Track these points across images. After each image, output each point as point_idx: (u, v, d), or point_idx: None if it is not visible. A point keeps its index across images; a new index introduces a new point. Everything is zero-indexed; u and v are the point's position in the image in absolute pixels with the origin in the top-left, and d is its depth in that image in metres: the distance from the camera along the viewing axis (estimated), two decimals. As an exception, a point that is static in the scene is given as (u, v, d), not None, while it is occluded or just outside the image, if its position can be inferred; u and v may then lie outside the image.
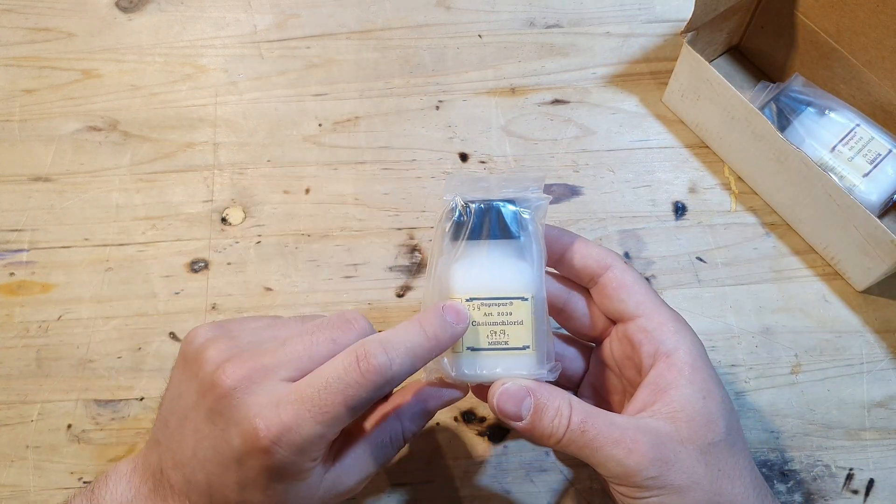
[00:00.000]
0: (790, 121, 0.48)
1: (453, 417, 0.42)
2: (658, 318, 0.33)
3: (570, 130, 0.52)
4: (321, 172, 0.50)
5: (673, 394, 0.31)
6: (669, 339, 0.33)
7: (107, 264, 0.47)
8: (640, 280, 0.35)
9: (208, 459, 0.30)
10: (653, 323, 0.33)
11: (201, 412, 0.30)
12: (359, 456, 0.32)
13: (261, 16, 0.57)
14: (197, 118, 0.52)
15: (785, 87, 0.49)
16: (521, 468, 0.41)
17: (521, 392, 0.31)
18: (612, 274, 0.35)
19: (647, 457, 0.29)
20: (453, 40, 0.56)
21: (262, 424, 0.28)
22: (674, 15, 0.57)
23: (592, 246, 0.36)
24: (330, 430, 0.29)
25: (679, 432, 0.31)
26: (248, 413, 0.29)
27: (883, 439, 0.42)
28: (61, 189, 0.49)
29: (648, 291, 0.35)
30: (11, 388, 0.43)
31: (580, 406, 0.31)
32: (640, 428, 0.30)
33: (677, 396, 0.31)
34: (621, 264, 0.35)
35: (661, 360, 0.32)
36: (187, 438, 0.31)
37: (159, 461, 0.32)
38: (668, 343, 0.33)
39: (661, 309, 0.34)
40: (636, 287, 0.34)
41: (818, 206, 0.45)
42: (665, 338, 0.33)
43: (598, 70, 0.54)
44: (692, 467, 0.30)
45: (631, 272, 0.35)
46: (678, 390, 0.31)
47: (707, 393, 0.32)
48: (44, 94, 0.53)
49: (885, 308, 0.46)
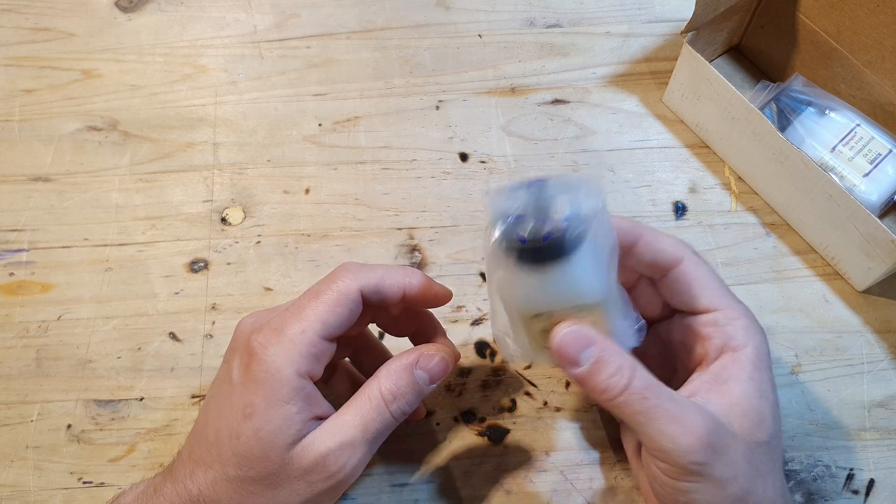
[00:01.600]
0: (790, 121, 0.48)
1: (453, 417, 0.42)
2: (731, 314, 0.33)
3: (570, 130, 0.52)
4: (321, 172, 0.50)
5: (733, 387, 0.31)
6: (740, 334, 0.33)
7: (107, 264, 0.46)
8: (712, 273, 0.34)
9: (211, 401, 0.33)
10: (726, 318, 0.33)
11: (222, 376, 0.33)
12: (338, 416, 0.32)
13: (261, 16, 0.57)
14: (197, 118, 0.52)
15: (785, 87, 0.49)
16: (521, 468, 0.41)
17: (585, 339, 0.30)
18: (684, 268, 0.34)
19: (701, 441, 0.29)
20: (453, 40, 0.56)
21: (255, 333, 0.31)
22: (674, 15, 0.57)
23: (663, 238, 0.34)
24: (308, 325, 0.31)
25: (731, 425, 0.31)
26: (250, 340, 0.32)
27: (883, 439, 0.42)
28: (61, 189, 0.49)
29: (721, 285, 0.34)
30: (11, 388, 0.43)
31: (644, 373, 0.31)
32: (699, 411, 0.30)
33: (737, 390, 0.31)
34: (693, 257, 0.34)
35: (727, 353, 0.32)
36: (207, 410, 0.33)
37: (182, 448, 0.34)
38: (738, 338, 0.32)
39: (733, 304, 0.34)
40: (708, 281, 0.34)
41: (818, 206, 0.45)
42: (736, 333, 0.33)
43: (599, 70, 0.54)
44: (737, 462, 0.30)
45: (703, 265, 0.34)
46: (739, 385, 0.31)
47: (764, 393, 0.32)
48: (44, 94, 0.52)
49: (885, 308, 0.46)
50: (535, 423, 0.42)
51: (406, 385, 0.32)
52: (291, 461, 0.31)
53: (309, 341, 0.31)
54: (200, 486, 0.31)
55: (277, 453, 0.30)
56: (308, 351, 0.31)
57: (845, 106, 0.48)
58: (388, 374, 0.32)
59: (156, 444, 0.41)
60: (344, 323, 0.32)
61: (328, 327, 0.31)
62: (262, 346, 0.31)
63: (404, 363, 0.33)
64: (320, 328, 0.31)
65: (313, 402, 0.32)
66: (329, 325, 0.31)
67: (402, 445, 0.41)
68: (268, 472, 0.30)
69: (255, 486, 0.31)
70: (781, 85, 0.50)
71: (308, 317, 0.31)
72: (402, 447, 0.41)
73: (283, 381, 0.30)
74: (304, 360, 0.31)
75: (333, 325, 0.32)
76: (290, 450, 0.31)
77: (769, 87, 0.50)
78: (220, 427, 0.31)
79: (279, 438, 0.30)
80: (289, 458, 0.30)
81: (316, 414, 0.32)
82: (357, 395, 0.32)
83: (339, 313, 0.32)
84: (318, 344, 0.31)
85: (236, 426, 0.31)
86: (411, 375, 0.33)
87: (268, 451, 0.30)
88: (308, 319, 0.31)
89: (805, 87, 0.49)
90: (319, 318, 0.31)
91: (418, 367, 0.33)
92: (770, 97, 0.49)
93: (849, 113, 0.47)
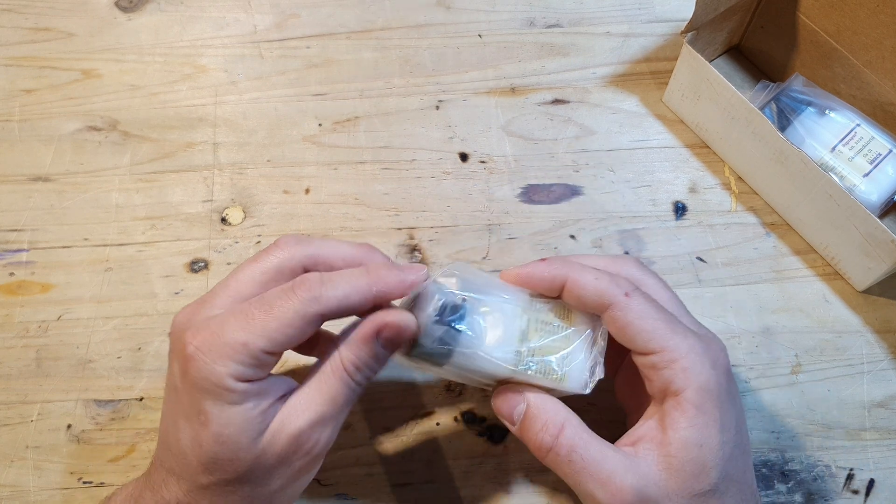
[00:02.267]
0: (790, 121, 0.48)
1: (453, 418, 0.42)
2: (669, 356, 0.31)
3: (570, 130, 0.52)
4: (321, 172, 0.50)
5: (671, 436, 0.31)
6: (678, 378, 0.31)
7: (106, 264, 0.46)
8: (647, 311, 0.32)
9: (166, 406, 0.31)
10: (663, 361, 0.31)
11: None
12: (303, 393, 0.31)
13: (261, 16, 0.57)
14: (197, 118, 0.52)
15: (785, 87, 0.49)
16: (521, 468, 0.41)
17: (516, 397, 0.31)
18: (613, 315, 0.32)
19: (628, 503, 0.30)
20: (453, 40, 0.56)
21: (190, 334, 0.29)
22: (674, 15, 0.57)
23: (589, 280, 0.32)
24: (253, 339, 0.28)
25: (668, 481, 0.30)
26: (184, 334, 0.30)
27: (883, 439, 0.42)
28: (61, 189, 0.49)
29: (657, 324, 0.31)
30: (11, 389, 0.43)
31: (574, 431, 0.31)
32: (630, 471, 0.30)
33: (675, 440, 0.30)
34: (621, 300, 0.32)
35: (669, 398, 0.31)
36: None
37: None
38: (676, 382, 0.31)
39: (672, 344, 0.31)
40: (644, 322, 0.31)
41: (818, 206, 0.45)
42: (674, 376, 0.31)
43: (599, 70, 0.54)
44: None
45: (633, 308, 0.32)
46: (677, 433, 0.30)
47: (707, 439, 0.30)
48: (43, 93, 0.52)
49: (885, 308, 0.46)
50: (535, 423, 0.42)
51: (367, 356, 0.31)
52: (264, 452, 0.29)
53: (250, 354, 0.29)
54: (177, 496, 0.30)
55: (246, 451, 0.29)
56: (249, 362, 0.29)
57: (845, 106, 0.48)
58: (349, 346, 0.31)
59: (156, 444, 0.41)
60: (291, 342, 0.30)
61: (273, 344, 0.29)
62: (198, 350, 0.29)
63: (364, 333, 0.31)
64: (264, 345, 0.29)
65: (267, 391, 0.30)
66: (275, 343, 0.29)
67: (402, 445, 0.41)
68: (242, 471, 0.29)
69: (232, 487, 0.30)
70: (781, 85, 0.50)
71: (254, 329, 0.29)
72: (402, 447, 0.41)
73: (226, 389, 0.29)
74: (244, 369, 0.29)
75: (278, 344, 0.29)
76: (258, 443, 0.29)
77: (769, 87, 0.50)
78: (179, 436, 0.30)
79: (243, 437, 0.29)
80: (260, 451, 0.29)
81: (275, 398, 0.30)
82: (319, 367, 0.31)
83: (288, 335, 0.29)
84: (260, 357, 0.29)
85: (195, 434, 0.29)
86: (372, 347, 0.31)
87: (235, 452, 0.29)
88: (254, 332, 0.29)
89: (805, 87, 0.49)
90: (266, 334, 0.29)
91: (379, 338, 0.31)
92: (770, 97, 0.49)
93: (849, 113, 0.47)
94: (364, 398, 0.43)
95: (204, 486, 0.30)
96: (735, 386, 0.33)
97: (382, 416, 0.42)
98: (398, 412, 0.42)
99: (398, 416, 0.42)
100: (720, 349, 0.33)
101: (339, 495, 0.40)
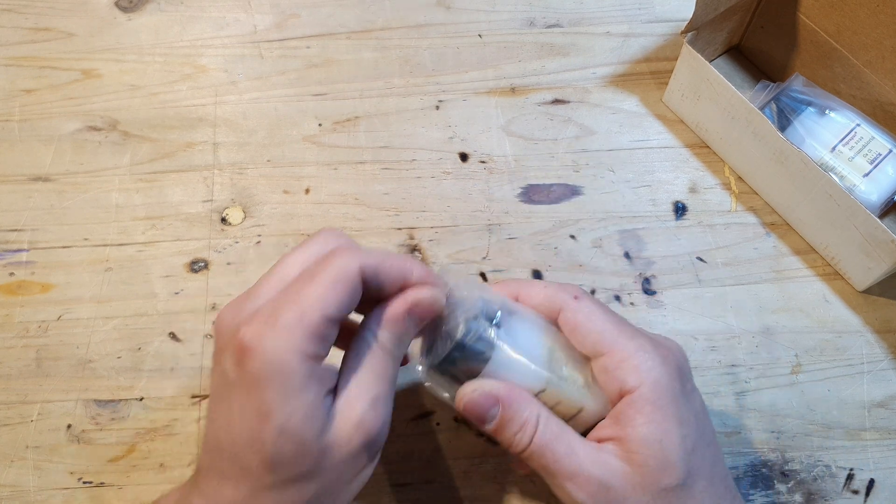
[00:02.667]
0: (790, 121, 0.48)
1: (453, 418, 0.42)
2: (619, 356, 0.32)
3: (570, 130, 0.52)
4: (321, 172, 0.50)
5: (630, 433, 0.31)
6: (630, 376, 0.31)
7: (106, 264, 0.46)
8: (596, 314, 0.33)
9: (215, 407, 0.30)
10: (613, 361, 0.32)
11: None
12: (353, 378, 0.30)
13: (261, 16, 0.56)
14: (197, 118, 0.52)
15: (785, 87, 0.49)
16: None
17: (488, 401, 0.32)
18: (564, 317, 0.33)
19: (594, 498, 0.30)
20: (453, 40, 0.56)
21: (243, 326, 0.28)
22: (674, 14, 0.57)
23: (538, 290, 0.35)
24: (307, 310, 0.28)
25: (633, 475, 0.30)
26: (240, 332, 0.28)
27: (883, 439, 0.42)
28: (61, 189, 0.49)
29: (605, 325, 0.33)
30: (11, 389, 0.43)
31: (549, 426, 0.32)
32: (597, 464, 0.31)
33: (634, 437, 0.31)
34: (571, 303, 0.34)
35: (625, 396, 0.32)
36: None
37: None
38: (629, 381, 0.31)
39: (620, 344, 0.32)
40: (590, 325, 0.33)
41: (818, 206, 0.45)
42: (625, 375, 0.31)
43: (599, 70, 0.54)
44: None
45: (583, 309, 0.33)
46: (635, 430, 0.31)
47: (666, 433, 0.31)
48: (43, 93, 0.52)
49: (885, 308, 0.46)
50: (535, 423, 0.42)
51: (402, 331, 0.31)
52: (331, 445, 0.28)
53: (310, 324, 0.28)
54: (234, 499, 0.28)
55: (313, 444, 0.28)
56: (311, 334, 0.28)
57: (845, 106, 0.48)
58: (382, 324, 0.31)
59: (156, 444, 0.41)
60: (345, 305, 0.29)
61: (330, 308, 0.28)
62: (256, 337, 0.27)
63: (397, 312, 0.31)
64: (321, 309, 0.28)
65: (325, 378, 0.29)
66: (330, 305, 0.28)
67: (402, 445, 0.41)
68: (309, 467, 0.28)
69: (300, 484, 0.28)
70: (781, 85, 0.50)
71: (306, 299, 0.28)
72: (402, 447, 0.41)
73: (292, 371, 0.27)
74: (308, 343, 0.28)
75: (334, 307, 0.28)
76: (325, 435, 0.28)
77: (769, 87, 0.50)
78: (234, 437, 0.28)
79: (309, 430, 0.28)
80: (326, 443, 0.28)
81: (330, 386, 0.29)
82: (355, 348, 0.30)
83: (339, 292, 0.28)
84: (322, 325, 0.28)
85: (255, 432, 0.27)
86: (405, 323, 0.31)
87: (301, 446, 0.28)
88: (306, 302, 0.28)
89: (805, 87, 0.49)
90: (319, 298, 0.28)
91: (410, 315, 0.31)
92: (770, 97, 0.49)
93: (849, 113, 0.47)
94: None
95: (269, 486, 0.28)
96: (691, 381, 0.34)
97: (382, 416, 0.42)
98: (398, 412, 0.42)
99: (398, 416, 0.42)
100: (672, 348, 0.34)
101: (339, 495, 0.40)
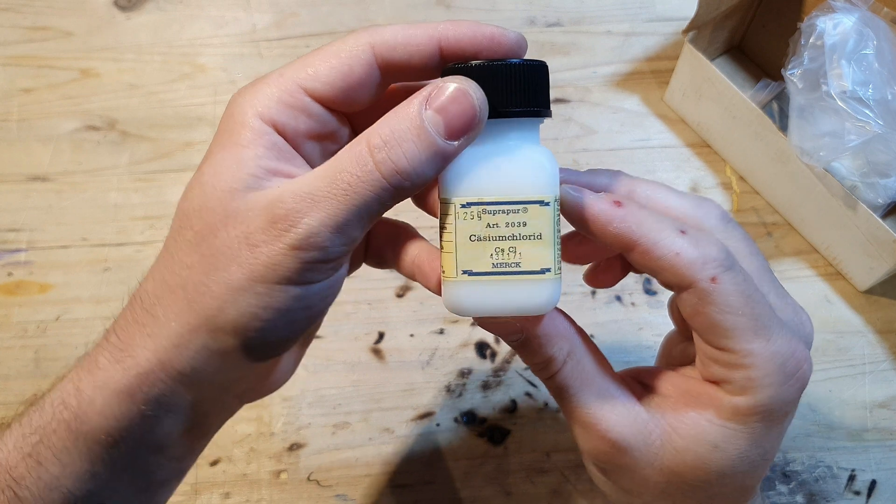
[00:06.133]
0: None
1: (453, 419, 0.42)
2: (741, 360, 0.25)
3: (570, 129, 0.52)
4: (321, 172, 0.50)
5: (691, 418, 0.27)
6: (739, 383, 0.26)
7: (105, 264, 0.46)
8: (736, 302, 0.25)
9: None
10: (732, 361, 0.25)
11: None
12: (308, 173, 0.25)
13: (260, 14, 0.56)
14: (195, 117, 0.52)
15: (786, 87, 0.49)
16: (522, 469, 0.41)
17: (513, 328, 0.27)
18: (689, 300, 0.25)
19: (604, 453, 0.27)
20: (453, 39, 0.55)
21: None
22: (675, 14, 0.56)
23: (668, 252, 0.25)
24: (291, 73, 0.25)
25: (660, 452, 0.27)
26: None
27: (885, 440, 0.42)
28: (59, 189, 0.49)
29: (741, 318, 0.25)
30: (10, 389, 0.42)
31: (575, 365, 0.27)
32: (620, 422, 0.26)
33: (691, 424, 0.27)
34: (706, 287, 0.25)
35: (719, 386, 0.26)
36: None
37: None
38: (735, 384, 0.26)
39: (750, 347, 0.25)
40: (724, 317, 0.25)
41: (820, 205, 0.44)
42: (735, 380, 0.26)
43: (600, 69, 0.54)
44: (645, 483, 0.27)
45: (720, 298, 0.25)
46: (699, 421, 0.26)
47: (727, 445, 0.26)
48: (42, 93, 0.52)
49: (887, 308, 0.45)
50: (535, 424, 0.42)
51: (406, 129, 0.23)
52: (237, 211, 0.23)
53: (284, 86, 0.24)
54: (146, 281, 0.25)
55: (218, 200, 0.24)
56: (279, 96, 0.24)
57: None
58: (385, 118, 0.24)
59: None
60: (339, 79, 0.25)
61: (314, 78, 0.24)
62: (233, 98, 0.25)
63: (409, 100, 0.24)
64: (304, 76, 0.24)
65: (282, 155, 0.25)
66: (317, 75, 0.24)
67: (402, 446, 0.41)
68: (209, 226, 0.24)
69: (196, 249, 0.24)
70: (783, 84, 0.49)
71: (295, 65, 0.25)
72: (401, 448, 0.41)
73: (241, 124, 0.24)
74: (271, 103, 0.24)
75: (322, 77, 0.24)
76: (236, 197, 0.23)
77: (770, 86, 0.50)
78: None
79: (221, 182, 0.24)
80: (234, 209, 0.23)
81: (284, 170, 0.24)
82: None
83: (332, 65, 0.24)
84: (296, 93, 0.24)
85: (186, 189, 0.25)
86: (417, 117, 0.23)
87: (208, 197, 0.24)
88: (290, 70, 0.25)
89: (807, 87, 0.49)
90: (306, 64, 0.25)
91: (428, 105, 0.23)
92: (771, 96, 0.49)
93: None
94: (364, 398, 0.43)
95: (168, 247, 0.25)
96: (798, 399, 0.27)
97: (382, 416, 0.42)
98: (398, 412, 0.42)
99: (398, 416, 0.42)
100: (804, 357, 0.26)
101: (339, 496, 0.40)
